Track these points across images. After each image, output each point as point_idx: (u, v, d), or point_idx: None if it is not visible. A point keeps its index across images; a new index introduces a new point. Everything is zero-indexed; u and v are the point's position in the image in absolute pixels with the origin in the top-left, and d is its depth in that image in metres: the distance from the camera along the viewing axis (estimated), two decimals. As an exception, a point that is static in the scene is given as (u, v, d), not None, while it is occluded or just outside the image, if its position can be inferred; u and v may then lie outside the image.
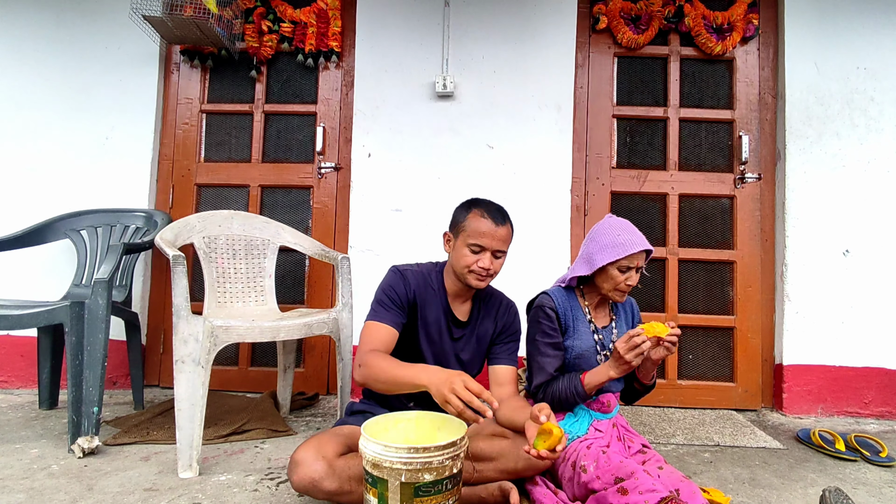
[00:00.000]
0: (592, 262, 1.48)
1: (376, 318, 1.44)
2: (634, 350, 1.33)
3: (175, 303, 1.59)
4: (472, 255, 1.43)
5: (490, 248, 1.42)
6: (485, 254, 1.43)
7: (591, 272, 1.49)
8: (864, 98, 2.39)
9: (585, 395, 1.43)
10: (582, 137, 2.51)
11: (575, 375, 1.45)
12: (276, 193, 2.56)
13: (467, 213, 1.46)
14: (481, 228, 1.42)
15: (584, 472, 1.29)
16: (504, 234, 1.44)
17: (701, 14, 2.44)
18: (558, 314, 1.51)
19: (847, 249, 2.35)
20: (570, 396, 1.43)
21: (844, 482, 1.61)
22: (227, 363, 2.48)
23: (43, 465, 1.58)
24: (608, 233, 1.47)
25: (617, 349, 1.35)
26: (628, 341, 1.33)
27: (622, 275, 1.45)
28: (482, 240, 1.42)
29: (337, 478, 1.21)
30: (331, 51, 2.51)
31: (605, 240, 1.46)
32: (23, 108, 2.49)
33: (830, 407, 2.32)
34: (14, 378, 2.40)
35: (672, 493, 1.15)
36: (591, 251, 1.49)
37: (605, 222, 1.52)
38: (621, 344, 1.35)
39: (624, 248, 1.43)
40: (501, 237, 1.43)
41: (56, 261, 2.40)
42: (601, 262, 1.45)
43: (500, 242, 1.43)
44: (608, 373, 1.40)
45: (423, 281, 1.52)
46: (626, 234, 1.45)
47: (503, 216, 1.46)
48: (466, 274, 1.45)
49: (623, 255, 1.42)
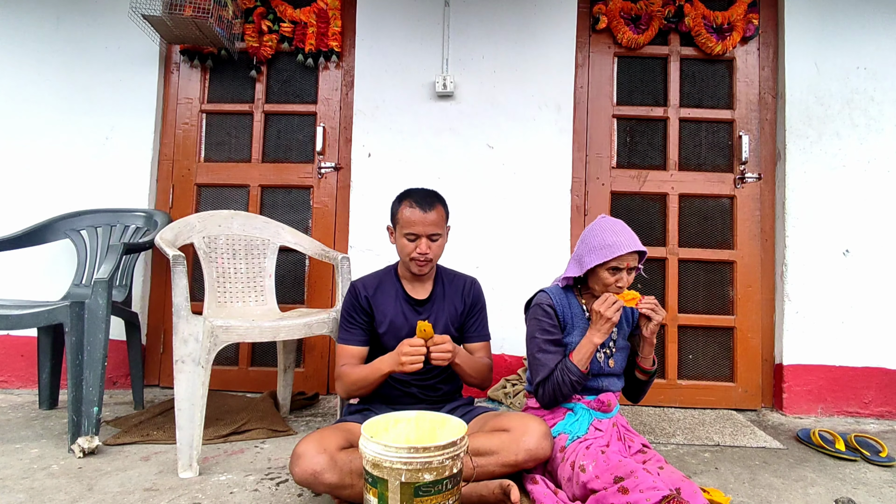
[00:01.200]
0: (582, 264, 1.48)
1: (341, 341, 1.61)
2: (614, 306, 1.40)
3: (175, 303, 1.59)
4: (409, 243, 1.54)
5: (423, 234, 1.53)
6: (420, 240, 1.53)
7: (581, 273, 1.49)
8: (864, 98, 2.39)
9: (580, 373, 1.43)
10: (582, 137, 2.51)
11: (563, 360, 1.46)
12: (276, 193, 2.56)
13: (399, 205, 1.57)
14: (411, 218, 1.52)
15: (582, 471, 1.29)
16: (434, 218, 1.53)
17: (701, 14, 2.44)
18: (556, 311, 1.52)
19: (847, 249, 2.35)
20: (567, 381, 1.44)
21: (844, 482, 1.61)
22: (227, 363, 2.48)
23: (43, 465, 1.58)
24: (597, 234, 1.47)
25: (594, 309, 1.42)
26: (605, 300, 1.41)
27: (612, 276, 1.46)
28: (414, 228, 1.52)
29: (338, 471, 1.23)
30: (331, 51, 2.51)
31: (595, 241, 1.46)
32: (22, 108, 2.49)
33: (830, 407, 2.32)
34: (14, 378, 2.40)
35: (673, 491, 1.15)
36: (580, 253, 1.50)
37: (596, 223, 1.52)
38: (598, 304, 1.41)
39: (611, 249, 1.43)
40: (432, 221, 1.52)
41: (56, 261, 2.40)
42: (590, 263, 1.46)
43: (431, 227, 1.53)
44: (592, 339, 1.43)
45: (376, 282, 1.64)
46: (615, 236, 1.44)
47: (430, 202, 1.54)
48: (409, 262, 1.56)
49: (610, 256, 1.43)
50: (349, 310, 1.61)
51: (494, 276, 2.34)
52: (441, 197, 1.60)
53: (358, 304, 1.60)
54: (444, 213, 1.59)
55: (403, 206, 1.55)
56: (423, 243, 1.52)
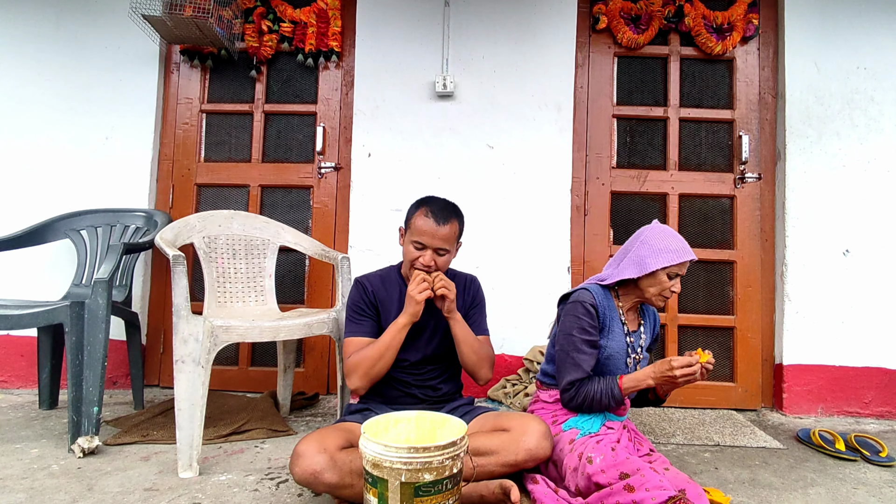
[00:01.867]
0: (644, 266, 1.47)
1: (350, 334, 1.57)
2: (688, 372, 1.36)
3: (175, 303, 1.59)
4: (415, 251, 1.52)
5: (431, 246, 1.50)
6: (426, 251, 1.50)
7: (640, 275, 1.48)
8: (864, 98, 2.39)
9: (620, 399, 1.43)
10: (582, 137, 2.51)
11: (611, 378, 1.45)
12: (276, 193, 2.56)
13: (415, 210, 1.54)
14: (423, 227, 1.49)
15: (589, 462, 1.29)
16: (446, 232, 1.50)
17: (701, 14, 2.44)
18: (598, 311, 1.50)
19: (847, 249, 2.35)
20: (605, 398, 1.43)
21: (844, 482, 1.61)
22: (227, 363, 2.48)
23: (43, 465, 1.58)
24: (661, 238, 1.48)
25: (672, 365, 1.37)
26: (687, 365, 1.36)
27: (670, 281, 1.47)
28: (423, 238, 1.50)
29: (338, 471, 1.23)
30: (331, 51, 2.51)
31: (660, 245, 1.46)
32: (23, 108, 2.49)
33: (830, 407, 2.32)
34: (14, 378, 2.40)
35: (678, 492, 1.16)
36: (642, 255, 1.48)
37: (657, 227, 1.52)
38: (679, 363, 1.36)
39: (678, 254, 1.45)
40: (443, 236, 1.49)
41: (56, 261, 2.40)
42: (654, 266, 1.45)
43: (441, 241, 1.50)
44: (647, 381, 1.42)
45: (381, 281, 1.64)
46: (679, 242, 1.48)
47: (446, 216, 1.51)
48: (411, 269, 1.54)
49: (678, 261, 1.45)
50: (357, 302, 1.59)
51: (494, 276, 2.34)
52: (459, 212, 1.57)
53: (366, 298, 1.59)
54: (458, 229, 1.56)
55: (419, 213, 1.52)
56: (427, 255, 1.50)
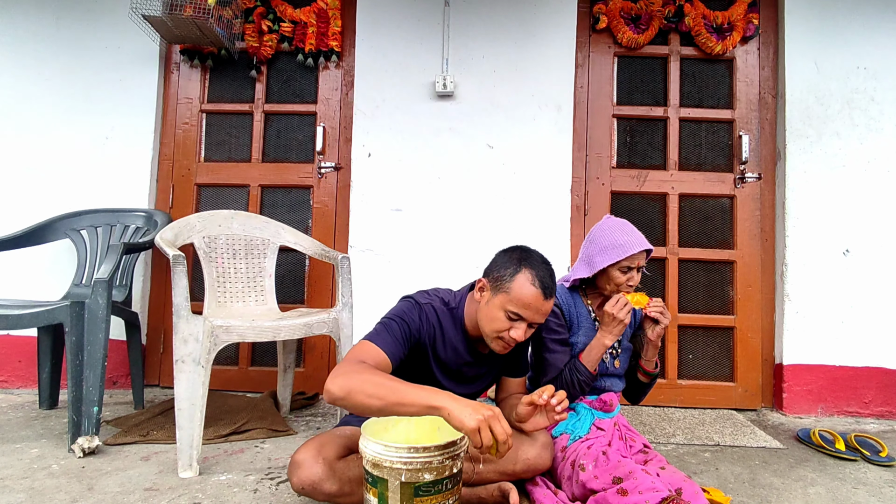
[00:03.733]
0: (593, 265, 1.48)
1: (376, 341, 1.24)
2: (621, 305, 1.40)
3: (175, 302, 1.58)
4: (507, 321, 1.27)
5: (531, 320, 1.27)
6: (521, 324, 1.26)
7: (591, 274, 1.49)
8: (864, 98, 2.39)
9: (588, 374, 1.45)
10: (582, 137, 2.51)
11: (572, 359, 1.47)
12: (276, 193, 2.56)
13: (516, 272, 1.27)
14: (527, 299, 1.24)
15: (582, 470, 1.29)
16: (549, 307, 1.28)
17: (701, 14, 2.44)
18: (563, 311, 1.52)
19: (847, 249, 2.35)
20: (576, 381, 1.45)
21: (844, 482, 1.61)
22: (227, 363, 2.48)
23: (43, 465, 1.58)
24: (607, 234, 1.47)
25: (606, 311, 1.41)
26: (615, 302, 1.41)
27: (623, 275, 1.46)
28: (526, 311, 1.25)
29: (337, 480, 1.21)
30: (331, 50, 2.50)
31: (605, 241, 1.46)
32: (22, 108, 2.49)
33: (830, 407, 2.32)
34: (14, 378, 2.40)
35: (673, 493, 1.15)
36: (590, 253, 1.50)
37: (604, 223, 1.52)
38: (610, 306, 1.41)
39: (623, 249, 1.43)
40: (546, 311, 1.28)
41: (56, 261, 2.40)
42: (601, 264, 1.45)
43: (541, 316, 1.28)
44: (602, 341, 1.44)
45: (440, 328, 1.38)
46: (625, 235, 1.45)
47: (553, 289, 1.29)
48: (493, 339, 1.30)
49: (623, 256, 1.43)
50: (404, 321, 1.31)
51: (494, 275, 2.34)
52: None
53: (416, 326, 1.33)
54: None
55: (524, 280, 1.26)
56: (522, 328, 1.26)
